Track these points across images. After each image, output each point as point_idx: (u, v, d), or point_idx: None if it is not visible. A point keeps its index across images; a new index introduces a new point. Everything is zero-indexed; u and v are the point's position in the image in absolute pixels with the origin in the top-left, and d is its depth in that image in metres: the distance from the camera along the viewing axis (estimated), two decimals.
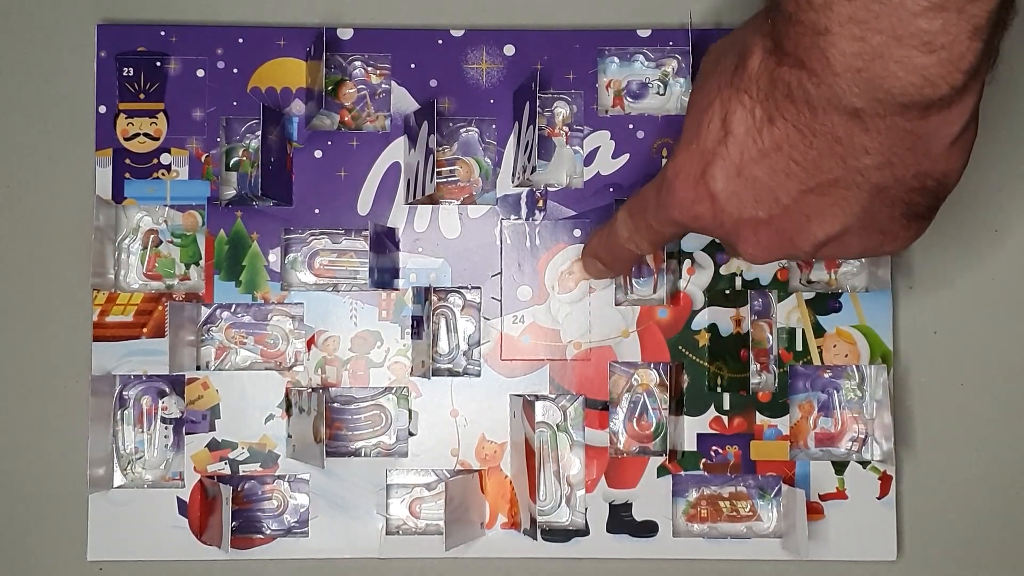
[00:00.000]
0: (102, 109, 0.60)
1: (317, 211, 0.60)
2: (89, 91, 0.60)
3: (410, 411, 0.59)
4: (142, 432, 0.60)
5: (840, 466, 0.59)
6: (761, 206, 0.44)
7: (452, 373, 0.60)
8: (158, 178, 0.60)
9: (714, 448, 0.59)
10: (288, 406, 0.59)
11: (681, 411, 0.59)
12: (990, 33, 0.37)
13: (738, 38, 0.45)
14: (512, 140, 0.60)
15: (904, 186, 0.43)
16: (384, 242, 0.59)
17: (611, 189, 0.60)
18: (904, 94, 0.39)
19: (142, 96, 0.60)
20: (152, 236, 0.60)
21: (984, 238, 0.61)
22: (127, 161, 0.60)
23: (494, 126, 0.60)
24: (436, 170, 0.57)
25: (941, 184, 0.44)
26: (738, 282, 0.60)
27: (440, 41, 0.60)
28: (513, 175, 0.60)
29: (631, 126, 0.60)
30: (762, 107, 0.42)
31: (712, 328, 0.60)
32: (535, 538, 0.58)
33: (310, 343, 0.59)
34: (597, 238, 0.56)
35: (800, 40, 0.39)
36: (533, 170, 0.57)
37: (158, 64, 0.60)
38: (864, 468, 0.59)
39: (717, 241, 0.59)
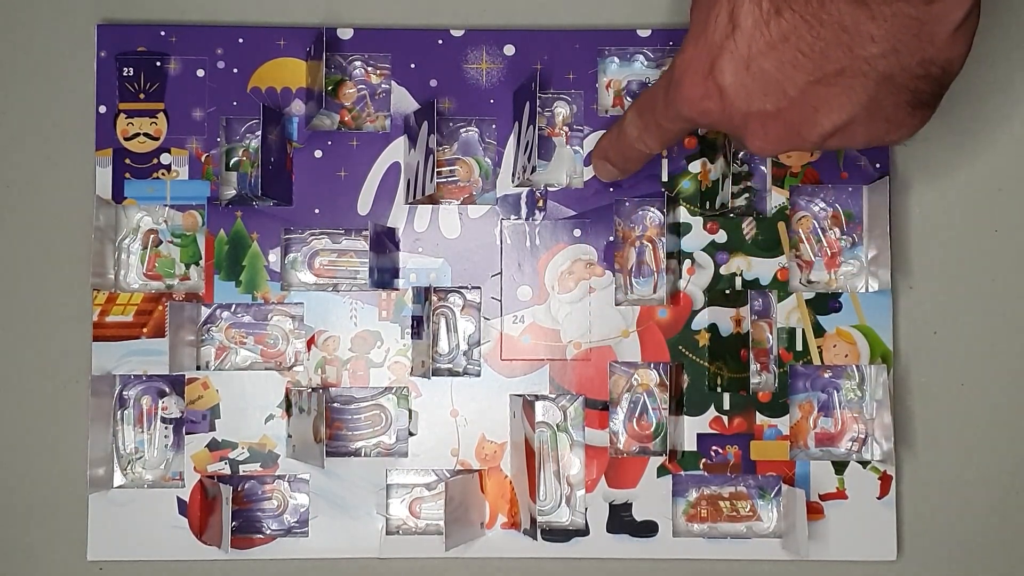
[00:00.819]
0: (102, 109, 0.60)
1: (317, 211, 0.60)
2: (89, 91, 0.60)
3: (410, 411, 0.59)
4: (142, 432, 0.60)
5: (840, 466, 0.59)
6: (769, 98, 0.45)
7: (452, 373, 0.60)
8: (158, 178, 0.60)
9: (714, 448, 0.59)
10: (288, 406, 0.59)
11: (681, 411, 0.59)
12: None
13: None
14: (512, 140, 0.60)
15: (909, 73, 0.44)
16: (384, 242, 0.59)
17: (611, 189, 0.60)
18: None
19: (142, 96, 0.60)
20: (152, 236, 0.60)
21: (984, 238, 0.61)
22: (127, 161, 0.60)
23: (494, 126, 0.60)
24: (436, 170, 0.57)
25: (945, 71, 0.44)
26: (738, 282, 0.60)
27: (440, 41, 0.60)
28: (513, 175, 0.60)
29: None
30: (768, 1, 0.43)
31: (712, 328, 0.60)
32: (535, 538, 0.58)
33: (310, 343, 0.59)
34: (607, 139, 0.57)
35: None
36: (533, 170, 0.57)
37: (158, 64, 0.60)
38: (864, 468, 0.59)
39: (714, 244, 0.59)
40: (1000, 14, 0.61)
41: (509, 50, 0.60)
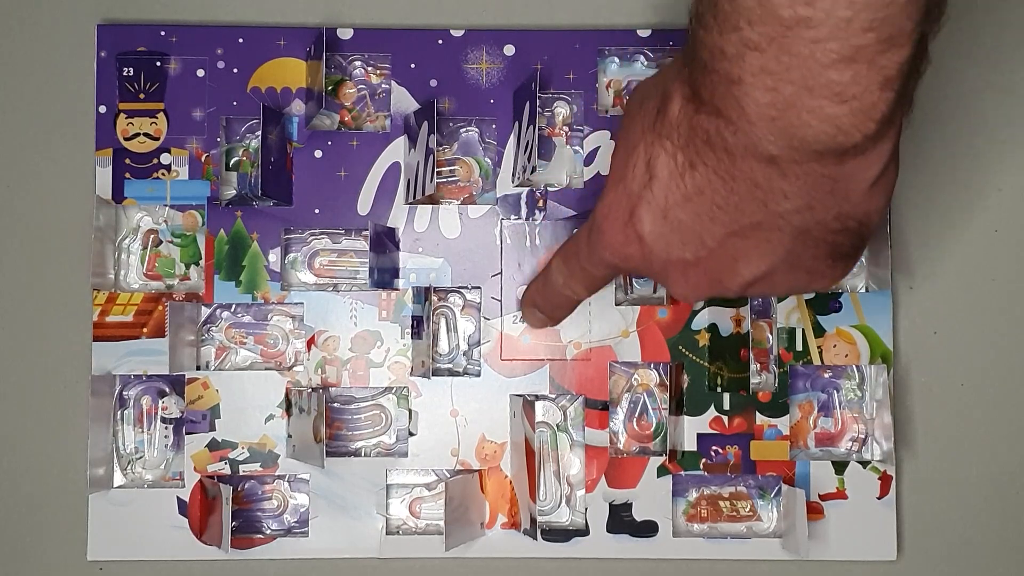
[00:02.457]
0: (102, 109, 0.60)
1: (317, 211, 0.60)
2: (89, 91, 0.60)
3: (410, 411, 0.59)
4: (142, 432, 0.60)
5: (840, 466, 0.59)
6: (688, 248, 0.44)
7: (452, 373, 0.60)
8: (158, 178, 0.60)
9: (714, 448, 0.59)
10: (288, 406, 0.59)
11: (681, 411, 0.59)
12: (902, 83, 0.37)
13: (660, 81, 0.45)
14: (512, 140, 0.60)
15: (826, 228, 0.43)
16: (384, 242, 0.59)
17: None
18: (818, 142, 0.38)
19: (142, 96, 0.60)
20: (152, 236, 0.60)
21: (984, 238, 0.61)
22: (127, 161, 0.60)
23: (494, 126, 0.60)
24: (436, 170, 0.57)
25: (863, 224, 0.43)
26: None
27: (440, 41, 0.60)
28: (513, 175, 0.60)
29: None
30: (683, 153, 0.42)
31: (712, 328, 0.60)
32: (535, 538, 0.58)
33: (310, 343, 0.59)
34: (534, 286, 0.56)
35: (715, 89, 0.39)
36: (533, 170, 0.57)
37: (158, 64, 0.60)
38: (864, 468, 0.59)
39: None
40: (1000, 14, 0.61)
41: (509, 50, 0.60)
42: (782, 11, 0.35)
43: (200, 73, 0.60)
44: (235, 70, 0.60)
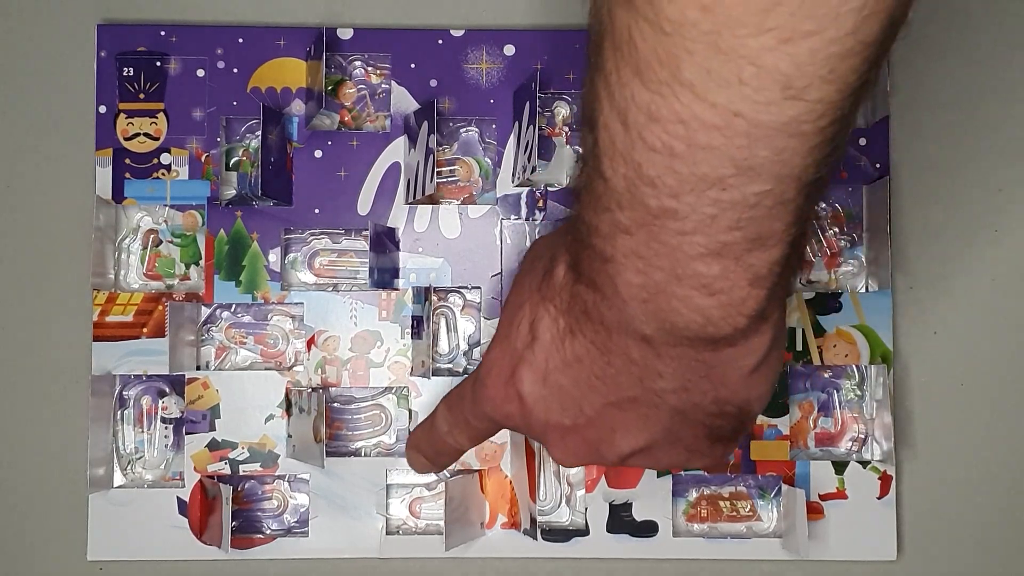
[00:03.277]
0: (102, 109, 0.60)
1: (317, 211, 0.60)
2: (89, 91, 0.60)
3: (410, 411, 0.59)
4: (142, 432, 0.60)
5: (840, 466, 0.59)
6: (567, 414, 0.43)
7: (452, 373, 0.60)
8: (158, 178, 0.60)
9: None
10: (288, 406, 0.59)
11: None
12: (775, 281, 0.36)
13: (551, 242, 0.43)
14: (512, 140, 0.60)
15: (703, 411, 0.42)
16: (384, 242, 0.59)
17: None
18: (688, 330, 0.37)
19: (142, 96, 0.60)
20: (152, 236, 0.60)
21: (984, 238, 0.61)
22: (127, 161, 0.60)
23: (494, 126, 0.60)
24: (436, 170, 0.57)
25: (742, 410, 0.43)
26: None
27: (440, 41, 0.60)
28: (513, 175, 0.60)
29: None
30: (564, 318, 0.41)
31: None
32: (535, 538, 0.58)
33: (310, 343, 0.59)
34: (419, 430, 0.54)
35: (592, 263, 0.38)
36: (533, 170, 0.57)
37: (158, 64, 0.60)
38: (864, 468, 0.59)
39: None
40: (1000, 13, 0.61)
41: (509, 50, 0.60)
42: (649, 200, 0.34)
43: (200, 73, 0.60)
44: (235, 70, 0.60)
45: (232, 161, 0.61)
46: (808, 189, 0.33)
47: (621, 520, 0.59)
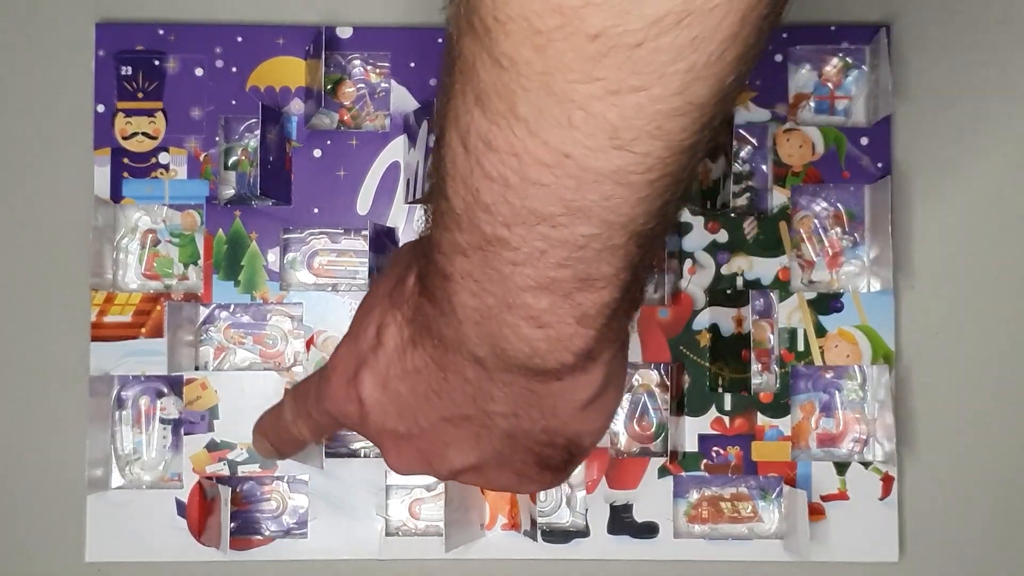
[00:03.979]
0: (100, 108, 0.60)
1: (316, 211, 0.60)
2: (87, 90, 0.60)
3: None
4: (140, 433, 0.59)
5: (842, 467, 0.59)
6: (403, 422, 0.43)
7: None
8: (156, 177, 0.60)
9: (715, 449, 0.59)
10: None
11: (682, 412, 0.59)
12: (604, 323, 0.36)
13: (413, 249, 0.43)
14: None
15: (532, 438, 0.42)
16: (384, 242, 0.59)
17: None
18: (516, 358, 0.38)
19: (140, 95, 0.60)
20: (150, 236, 0.60)
21: (987, 238, 0.61)
22: (125, 160, 0.60)
23: None
24: None
25: (572, 443, 0.42)
26: (739, 282, 0.59)
27: (440, 40, 0.60)
28: None
29: None
30: (409, 328, 0.41)
31: (713, 328, 0.59)
32: (535, 539, 0.58)
33: (309, 343, 0.59)
34: (267, 416, 0.53)
35: (433, 278, 0.38)
36: None
37: (156, 63, 0.60)
38: (866, 469, 0.59)
39: (715, 244, 0.59)
40: (1000, 13, 0.61)
41: None
42: (484, 227, 0.34)
43: (199, 72, 0.60)
44: (234, 69, 0.60)
45: (231, 160, 0.61)
46: (638, 239, 0.34)
47: (622, 521, 0.59)
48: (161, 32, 0.60)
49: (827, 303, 0.59)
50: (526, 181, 0.32)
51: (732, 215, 0.59)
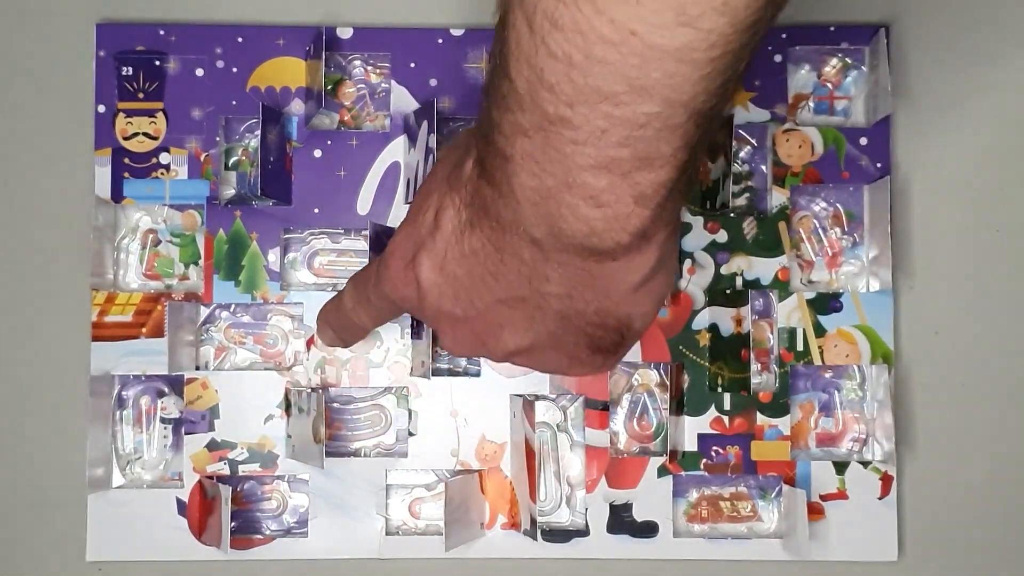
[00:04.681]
0: (101, 108, 0.60)
1: (317, 211, 0.60)
2: (88, 90, 0.60)
3: (410, 411, 0.59)
4: (141, 432, 0.60)
5: (841, 466, 0.59)
6: (459, 304, 0.44)
7: (452, 373, 0.60)
8: (157, 178, 0.60)
9: (715, 448, 0.59)
10: (288, 406, 0.59)
11: (682, 411, 0.59)
12: (660, 203, 0.37)
13: (469, 135, 0.44)
14: None
15: (585, 319, 0.43)
16: (384, 242, 0.59)
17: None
18: (574, 238, 0.39)
19: (141, 95, 0.60)
20: (151, 236, 0.60)
21: (986, 238, 0.61)
22: (126, 161, 0.60)
23: None
24: None
25: (623, 325, 0.44)
26: (739, 282, 0.60)
27: (440, 40, 0.60)
28: None
29: None
30: (467, 211, 0.42)
31: (713, 328, 0.59)
32: (535, 538, 0.58)
33: (309, 343, 0.59)
34: (330, 305, 0.55)
35: (492, 160, 0.39)
36: None
37: (157, 63, 0.60)
38: (865, 468, 0.59)
39: (715, 244, 0.59)
40: (1000, 13, 0.61)
41: None
42: (547, 106, 0.35)
43: (199, 72, 0.60)
44: (234, 69, 0.60)
45: (231, 161, 0.61)
46: (698, 117, 0.34)
47: (621, 520, 0.59)
48: (162, 32, 0.60)
49: (826, 303, 0.59)
50: (590, 59, 0.32)
51: (731, 215, 0.60)
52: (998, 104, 0.61)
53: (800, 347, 0.59)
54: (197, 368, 0.60)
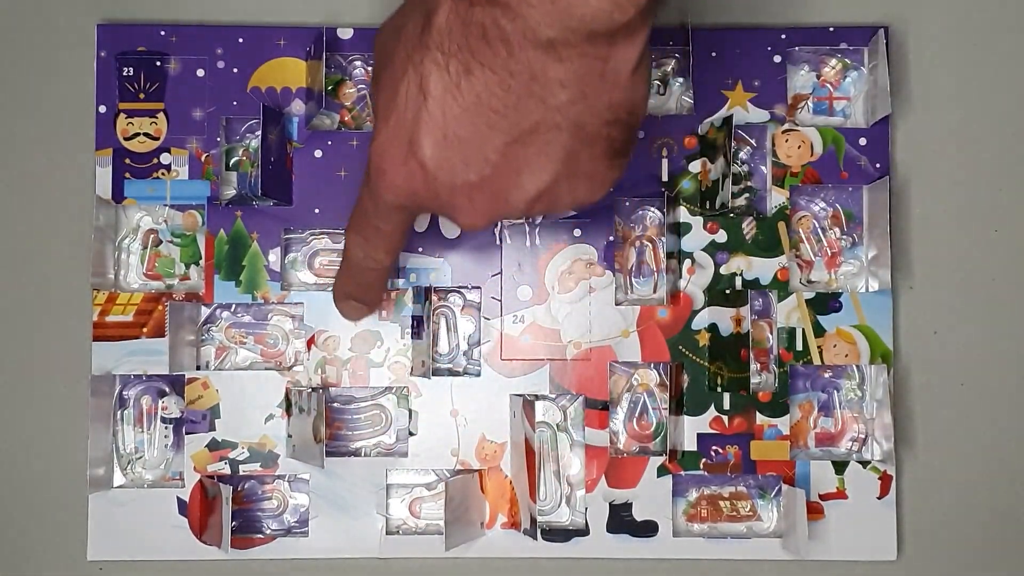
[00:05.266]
0: (102, 109, 0.60)
1: (317, 211, 0.60)
2: (89, 91, 0.60)
3: (410, 411, 0.59)
4: (142, 432, 0.60)
5: (840, 466, 0.59)
6: (472, 167, 0.44)
7: (452, 373, 0.60)
8: (158, 178, 0.60)
9: (714, 448, 0.59)
10: (288, 406, 0.59)
11: (681, 411, 0.59)
12: None
13: (409, 9, 0.45)
14: None
15: (600, 119, 0.44)
16: None
17: (611, 189, 0.60)
18: (596, 20, 0.40)
19: (142, 96, 0.60)
20: (152, 236, 0.60)
21: (984, 238, 0.61)
22: (127, 161, 0.60)
23: None
24: None
25: (631, 115, 0.45)
26: (738, 282, 0.60)
27: None
28: None
29: None
30: (457, 59, 0.42)
31: (712, 328, 0.60)
32: (535, 538, 0.58)
33: (310, 343, 0.59)
34: (340, 274, 0.55)
35: None
36: None
37: (158, 64, 0.60)
38: (864, 468, 0.59)
39: (714, 244, 0.59)
40: (999, 13, 0.61)
41: None
42: None
43: (200, 73, 0.60)
44: (235, 70, 0.60)
45: (232, 161, 0.61)
46: None
47: (621, 520, 0.59)
48: (163, 33, 0.60)
49: (826, 303, 0.60)
50: None
51: (731, 215, 0.60)
52: (997, 104, 0.61)
53: (799, 347, 0.60)
54: (198, 368, 0.60)
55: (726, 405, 0.59)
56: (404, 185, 0.46)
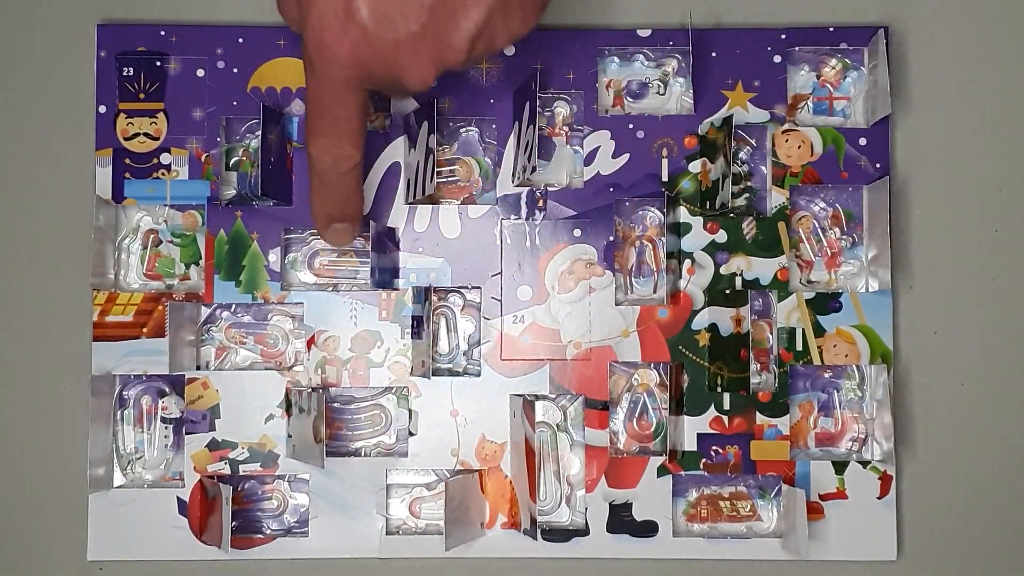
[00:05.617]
0: (102, 109, 0.60)
1: None
2: (89, 91, 0.60)
3: (410, 411, 0.59)
4: (142, 432, 0.60)
5: (840, 466, 0.59)
6: (411, 18, 0.45)
7: (452, 373, 0.60)
8: (158, 178, 0.60)
9: (714, 448, 0.59)
10: (288, 406, 0.59)
11: (681, 411, 0.59)
12: None
13: None
14: (512, 140, 0.60)
15: None
16: (384, 242, 0.59)
17: (611, 189, 0.60)
18: None
19: (142, 96, 0.60)
20: (152, 236, 0.60)
21: (984, 238, 0.61)
22: (127, 161, 0.60)
23: (494, 126, 0.60)
24: (436, 170, 0.57)
25: None
26: (738, 282, 0.60)
27: None
28: (513, 175, 0.60)
29: (631, 126, 0.60)
30: None
31: (712, 328, 0.60)
32: (535, 538, 0.58)
33: (310, 343, 0.59)
34: (315, 199, 0.54)
35: None
36: (533, 170, 0.57)
37: (158, 64, 0.60)
38: (864, 468, 0.59)
39: (714, 244, 0.59)
40: (999, 13, 0.61)
41: (509, 50, 0.60)
42: None
43: (200, 73, 0.60)
44: (235, 70, 0.60)
45: (232, 161, 0.61)
46: None
47: (621, 520, 0.59)
48: (163, 33, 0.60)
49: (825, 303, 0.60)
50: None
51: (731, 215, 0.60)
52: (997, 104, 0.61)
53: (799, 347, 0.60)
54: (198, 368, 0.60)
55: (726, 405, 0.59)
56: (349, 53, 0.46)
